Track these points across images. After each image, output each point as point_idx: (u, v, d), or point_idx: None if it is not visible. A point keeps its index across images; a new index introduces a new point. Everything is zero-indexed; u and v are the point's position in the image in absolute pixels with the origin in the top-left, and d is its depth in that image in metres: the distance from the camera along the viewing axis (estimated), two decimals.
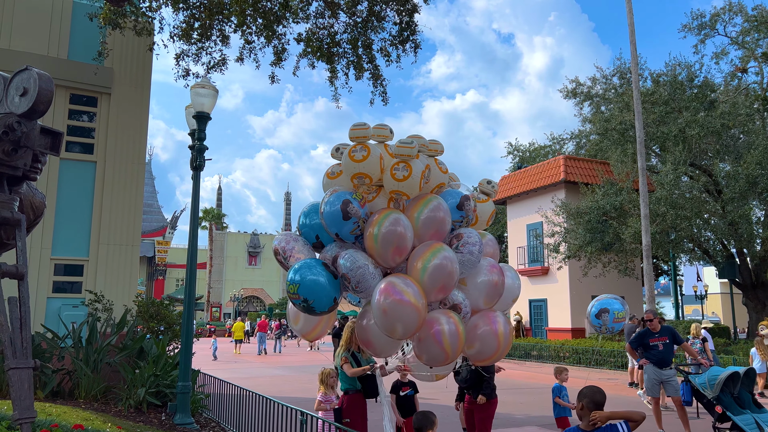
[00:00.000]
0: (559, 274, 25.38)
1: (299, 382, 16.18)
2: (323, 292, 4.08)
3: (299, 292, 4.05)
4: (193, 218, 8.86)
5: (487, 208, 4.96)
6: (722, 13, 22.56)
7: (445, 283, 4.06)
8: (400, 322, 3.88)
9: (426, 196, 4.30)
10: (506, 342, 4.41)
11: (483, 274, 4.43)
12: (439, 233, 4.27)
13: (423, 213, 4.21)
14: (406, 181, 4.10)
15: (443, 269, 4.00)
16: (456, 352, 4.12)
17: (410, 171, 4.08)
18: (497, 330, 4.35)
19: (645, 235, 16.36)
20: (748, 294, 21.81)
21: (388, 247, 4.08)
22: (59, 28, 11.94)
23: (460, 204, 4.45)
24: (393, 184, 4.16)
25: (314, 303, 4.08)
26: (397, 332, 3.97)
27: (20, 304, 3.41)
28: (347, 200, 4.20)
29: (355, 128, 4.37)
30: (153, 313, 11.36)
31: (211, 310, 61.54)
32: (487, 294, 4.42)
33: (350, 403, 6.47)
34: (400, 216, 4.15)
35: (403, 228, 4.10)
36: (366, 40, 12.97)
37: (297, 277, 4.10)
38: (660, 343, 9.09)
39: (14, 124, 3.36)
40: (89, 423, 6.39)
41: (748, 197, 19.28)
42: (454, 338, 4.06)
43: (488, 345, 4.36)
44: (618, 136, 21.88)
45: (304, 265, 4.20)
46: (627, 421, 3.89)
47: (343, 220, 4.17)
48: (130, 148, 12.01)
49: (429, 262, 4.00)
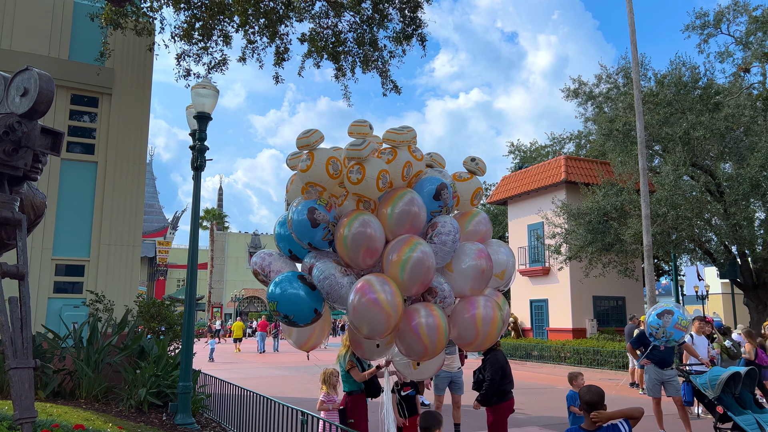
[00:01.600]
0: (560, 275, 25.36)
1: (300, 382, 16.18)
2: (303, 305, 4.04)
3: (279, 309, 4.04)
4: (194, 219, 8.86)
5: (469, 186, 4.74)
6: (726, 12, 22.52)
7: (424, 278, 3.99)
8: (367, 323, 3.84)
9: (399, 191, 4.17)
10: (486, 327, 4.20)
11: (469, 259, 4.27)
12: (414, 228, 4.16)
13: (396, 208, 4.09)
14: (360, 184, 3.97)
15: (421, 265, 3.91)
16: (436, 346, 4.03)
17: (363, 173, 3.94)
18: (476, 315, 4.19)
19: (646, 236, 16.35)
20: (749, 294, 21.78)
21: (358, 250, 4.01)
22: (60, 29, 11.95)
23: (436, 194, 4.31)
24: (350, 187, 4.05)
25: (295, 318, 4.06)
26: (362, 331, 3.95)
27: (21, 304, 3.42)
28: (312, 207, 4.08)
29: (301, 137, 4.17)
30: (154, 313, 11.37)
31: (212, 310, 61.55)
32: (473, 280, 4.27)
33: (354, 404, 6.49)
34: (367, 217, 4.05)
35: (372, 229, 4.00)
36: (372, 38, 13.02)
37: (277, 290, 4.07)
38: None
39: (15, 124, 3.36)
40: (90, 423, 6.39)
41: (751, 199, 19.26)
42: (433, 331, 3.97)
43: (468, 330, 4.23)
44: (622, 136, 21.86)
45: (282, 279, 4.16)
46: (627, 419, 3.94)
47: (312, 228, 4.07)
48: (131, 149, 12.02)
49: (406, 258, 3.91)
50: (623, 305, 26.23)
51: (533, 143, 39.93)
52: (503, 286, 4.79)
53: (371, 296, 3.77)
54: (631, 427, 3.94)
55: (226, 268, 66.91)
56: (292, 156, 4.66)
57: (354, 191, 4.06)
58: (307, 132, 4.17)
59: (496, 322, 4.23)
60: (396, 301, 3.84)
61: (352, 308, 3.84)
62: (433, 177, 4.43)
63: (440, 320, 4.03)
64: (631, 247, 20.57)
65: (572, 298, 25.07)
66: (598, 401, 4.01)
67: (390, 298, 3.80)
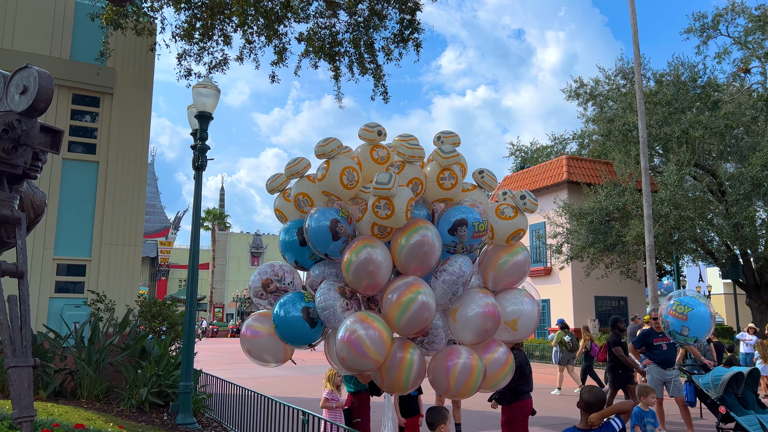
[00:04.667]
0: (562, 275, 25.34)
1: (301, 382, 16.18)
2: (300, 336, 4.17)
3: (277, 331, 4.19)
4: (195, 218, 8.85)
5: (508, 226, 4.32)
6: (725, 13, 22.49)
7: (421, 326, 3.96)
8: (357, 369, 3.95)
9: (415, 224, 4.04)
10: (458, 384, 4.06)
11: (474, 312, 4.08)
12: (423, 265, 4.06)
13: (407, 245, 3.98)
14: (389, 218, 3.90)
15: (420, 314, 3.86)
16: (461, 389, 4.09)
17: (392, 210, 3.85)
18: (450, 369, 4.05)
19: (648, 236, 16.32)
20: (751, 294, 21.74)
21: (359, 280, 4.00)
22: (62, 29, 11.96)
23: (452, 228, 4.13)
24: (377, 220, 3.96)
25: (289, 342, 4.27)
26: (352, 370, 4.11)
27: (20, 303, 3.41)
28: (335, 220, 4.05)
29: (320, 145, 4.15)
30: (155, 313, 11.36)
31: (213, 310, 61.58)
32: (475, 334, 4.13)
33: (360, 404, 6.48)
34: (374, 251, 3.97)
35: (375, 265, 3.94)
36: (368, 39, 12.95)
37: (281, 312, 4.17)
38: (664, 344, 9.05)
39: (14, 122, 3.35)
40: (91, 423, 6.39)
41: (753, 199, 19.22)
42: (465, 373, 4.02)
43: (439, 381, 4.14)
44: (621, 136, 21.84)
45: (287, 304, 4.20)
46: (618, 415, 3.99)
47: (333, 240, 4.06)
48: (133, 149, 12.02)
49: (406, 304, 3.84)
50: (625, 305, 26.19)
51: (534, 143, 39.88)
52: (519, 337, 4.53)
53: (357, 344, 3.77)
54: (623, 422, 3.98)
55: (227, 268, 66.96)
56: (272, 179, 4.74)
57: (381, 223, 4.00)
58: (325, 141, 4.16)
59: (472, 381, 4.08)
60: (383, 340, 3.83)
61: (340, 357, 3.89)
62: (461, 208, 4.23)
63: (477, 363, 4.07)
64: (633, 248, 20.54)
65: (574, 299, 25.04)
66: (595, 402, 4.02)
67: (375, 340, 3.79)
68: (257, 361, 4.53)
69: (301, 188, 4.47)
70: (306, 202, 4.42)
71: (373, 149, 4.37)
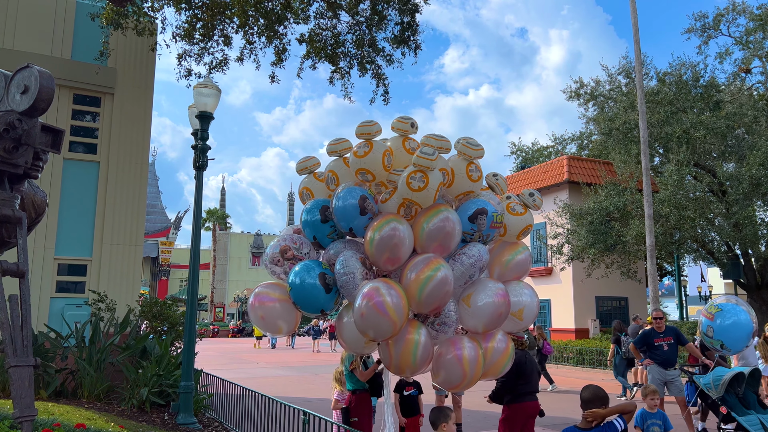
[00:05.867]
0: (563, 275, 25.31)
1: (302, 382, 16.17)
2: (313, 301, 4.24)
3: (291, 294, 4.29)
4: (196, 218, 8.86)
5: (519, 221, 4.70)
6: (726, 13, 22.46)
7: (440, 301, 4.05)
8: (373, 328, 3.94)
9: (438, 207, 4.21)
10: (473, 370, 4.19)
11: (487, 298, 4.24)
12: (444, 246, 4.18)
13: (431, 223, 4.14)
14: (421, 192, 4.04)
15: (440, 288, 3.94)
16: (474, 376, 4.18)
17: (426, 182, 4.02)
18: (461, 356, 4.16)
19: (649, 236, 16.31)
20: (752, 295, 21.71)
21: (381, 254, 4.09)
22: (63, 29, 11.96)
23: (473, 216, 4.32)
24: (407, 193, 4.10)
25: (302, 308, 4.33)
26: (368, 336, 4.09)
27: (21, 302, 3.41)
28: (364, 196, 4.24)
29: (362, 125, 4.43)
30: (156, 313, 11.36)
31: (214, 310, 61.59)
32: (488, 319, 4.24)
33: (358, 403, 6.48)
34: (400, 225, 4.10)
35: (400, 239, 4.06)
36: (370, 40, 12.94)
37: (296, 280, 4.26)
38: (665, 344, 9.04)
39: (15, 122, 3.35)
40: (92, 422, 6.39)
41: (753, 198, 19.20)
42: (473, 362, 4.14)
43: (453, 372, 4.21)
44: (621, 135, 21.82)
45: (304, 270, 4.29)
46: (621, 415, 3.98)
47: (360, 215, 4.21)
48: (134, 149, 12.02)
49: (426, 279, 3.93)
50: (626, 306, 26.17)
51: (535, 143, 39.87)
52: (523, 326, 4.73)
53: (378, 300, 3.83)
54: (626, 422, 3.97)
55: (228, 268, 66.95)
56: (304, 160, 5.00)
57: (410, 197, 4.12)
58: (369, 122, 4.43)
59: (480, 366, 4.23)
60: (402, 305, 3.90)
61: (359, 314, 3.91)
62: (479, 200, 4.44)
63: (479, 353, 4.19)
64: (633, 248, 20.52)
65: (575, 299, 25.02)
66: (592, 399, 4.01)
67: (396, 301, 3.87)
68: (270, 328, 4.57)
69: (332, 166, 4.70)
70: (333, 180, 4.63)
71: (405, 140, 4.58)
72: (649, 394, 6.46)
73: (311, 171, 4.93)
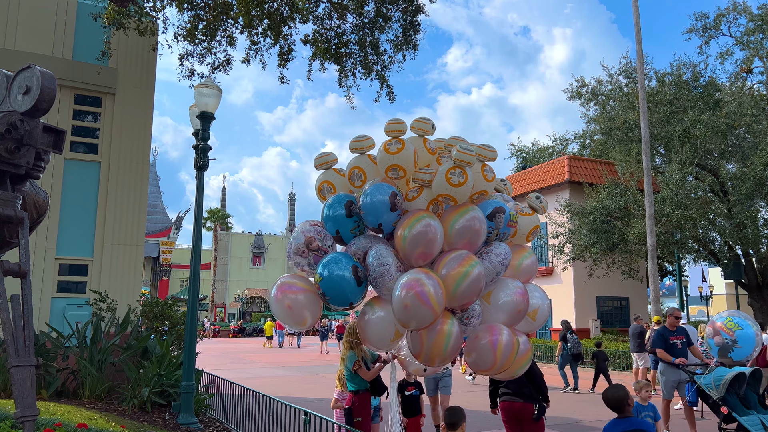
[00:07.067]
0: (564, 275, 25.31)
1: (303, 382, 16.18)
2: (343, 294, 4.26)
3: (321, 285, 4.29)
4: (197, 218, 8.86)
5: (528, 222, 4.91)
6: (726, 13, 22.45)
7: (473, 296, 4.15)
8: (416, 319, 3.99)
9: (465, 205, 4.33)
10: (504, 358, 4.28)
11: (507, 296, 4.37)
12: (471, 244, 4.29)
13: (459, 222, 4.23)
14: (460, 187, 4.15)
15: (476, 284, 4.05)
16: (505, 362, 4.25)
17: (466, 178, 4.14)
18: (497, 342, 4.25)
19: (650, 236, 16.30)
20: (753, 295, 21.70)
21: (414, 249, 4.15)
22: (64, 29, 11.97)
23: (491, 214, 4.45)
24: (445, 188, 4.19)
25: (331, 300, 4.33)
26: (409, 326, 4.14)
27: (23, 302, 3.41)
28: (395, 192, 4.30)
29: (391, 123, 4.51)
30: (157, 313, 11.37)
31: (215, 310, 61.61)
32: (508, 316, 4.36)
33: (361, 403, 6.48)
34: (432, 221, 4.18)
35: (434, 234, 4.14)
36: (373, 40, 12.93)
37: (325, 272, 4.27)
38: (678, 342, 8.98)
39: (17, 122, 3.36)
40: (93, 422, 6.39)
41: (755, 198, 19.19)
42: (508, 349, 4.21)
43: (485, 356, 4.30)
44: (622, 135, 21.81)
45: (335, 261, 4.32)
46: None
47: (390, 212, 4.27)
48: (135, 149, 12.03)
49: (465, 274, 4.03)
50: (627, 305, 26.17)
51: (535, 143, 39.84)
52: (535, 327, 4.88)
53: (420, 289, 3.89)
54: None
55: (229, 268, 66.97)
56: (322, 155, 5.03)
57: (447, 192, 4.21)
58: (398, 120, 4.53)
59: (513, 353, 4.33)
60: (442, 293, 3.98)
61: (402, 305, 3.95)
62: (495, 201, 4.59)
63: (515, 339, 4.30)
64: (635, 247, 20.51)
65: (576, 299, 25.02)
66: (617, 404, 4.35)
67: (437, 291, 3.94)
68: (296, 319, 4.56)
69: (358, 163, 4.75)
70: (360, 176, 4.69)
71: (425, 140, 4.69)
72: (643, 388, 6.74)
73: (329, 166, 4.98)
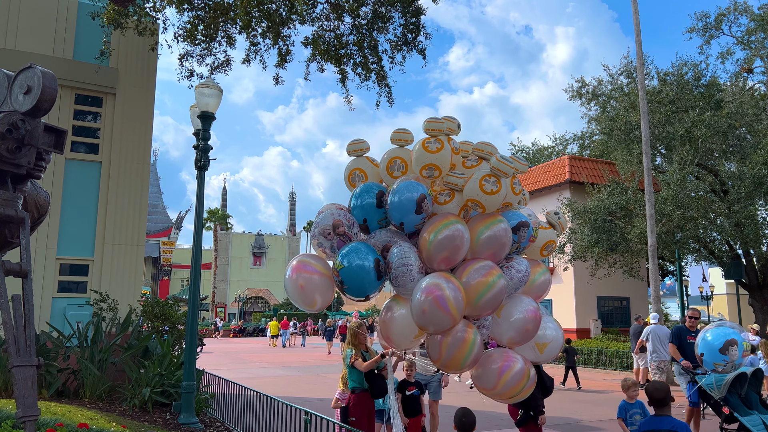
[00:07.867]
0: (565, 275, 25.29)
1: (304, 382, 16.17)
2: (362, 286, 4.25)
3: (341, 273, 4.25)
4: (198, 218, 8.86)
5: (544, 236, 4.90)
6: (727, 12, 22.42)
7: (493, 308, 4.14)
8: (434, 324, 3.97)
9: (494, 216, 4.30)
10: (505, 386, 4.26)
11: (520, 313, 4.29)
12: (496, 255, 4.26)
13: (487, 232, 4.20)
14: (492, 196, 4.14)
15: (499, 296, 4.04)
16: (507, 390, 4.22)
17: (500, 187, 4.13)
18: (507, 368, 4.22)
19: (651, 236, 16.30)
20: (754, 295, 21.69)
21: (440, 253, 4.13)
22: (64, 29, 11.97)
23: (516, 227, 4.42)
24: (477, 194, 4.18)
25: (348, 290, 4.31)
26: (427, 330, 4.13)
27: (24, 302, 3.41)
28: (424, 195, 4.27)
29: (430, 121, 4.49)
30: (158, 313, 11.38)
31: (216, 310, 61.64)
32: (516, 333, 4.29)
33: (356, 402, 6.47)
34: (461, 227, 4.15)
35: (461, 241, 4.12)
36: (372, 41, 12.90)
37: (344, 262, 4.24)
38: (694, 342, 8.96)
39: (18, 122, 3.35)
40: (94, 422, 6.39)
41: (755, 197, 19.17)
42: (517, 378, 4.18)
43: (489, 378, 4.28)
44: (623, 135, 21.79)
45: (359, 252, 4.28)
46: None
47: (415, 213, 4.24)
48: (135, 149, 12.03)
49: (491, 284, 4.02)
50: (627, 305, 26.16)
51: (535, 143, 39.79)
52: (541, 360, 4.72)
53: (439, 293, 3.88)
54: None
55: (229, 268, 67.04)
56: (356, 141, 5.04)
57: (478, 199, 4.20)
58: (437, 119, 4.52)
59: (519, 386, 4.27)
60: (462, 298, 3.95)
61: (420, 309, 3.93)
62: (519, 213, 4.58)
63: (526, 372, 4.24)
64: (636, 247, 20.49)
65: (576, 299, 25.01)
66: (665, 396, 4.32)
67: (457, 296, 3.92)
68: (306, 299, 4.50)
69: (401, 154, 4.74)
70: (402, 167, 4.67)
71: (450, 140, 4.67)
72: (631, 387, 6.65)
73: (362, 153, 4.99)
